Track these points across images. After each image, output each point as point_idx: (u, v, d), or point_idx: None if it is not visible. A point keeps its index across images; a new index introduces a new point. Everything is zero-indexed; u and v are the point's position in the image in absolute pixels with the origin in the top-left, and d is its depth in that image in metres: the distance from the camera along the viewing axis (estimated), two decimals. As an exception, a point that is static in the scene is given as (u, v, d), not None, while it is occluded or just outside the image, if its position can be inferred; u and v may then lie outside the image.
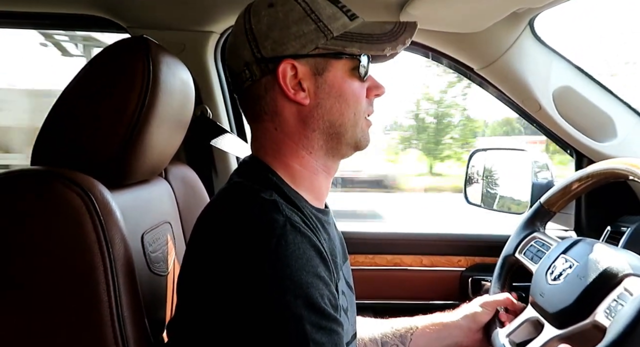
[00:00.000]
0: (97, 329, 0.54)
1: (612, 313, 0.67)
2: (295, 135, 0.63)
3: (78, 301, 0.54)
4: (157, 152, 0.73)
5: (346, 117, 0.64)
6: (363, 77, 0.64)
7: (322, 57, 0.62)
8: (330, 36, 0.61)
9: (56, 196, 0.55)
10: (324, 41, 0.61)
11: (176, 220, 0.89)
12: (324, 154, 0.65)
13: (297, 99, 0.61)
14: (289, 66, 0.60)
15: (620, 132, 1.13)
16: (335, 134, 0.64)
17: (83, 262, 0.54)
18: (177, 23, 1.15)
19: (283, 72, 0.60)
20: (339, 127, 0.64)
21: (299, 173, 0.64)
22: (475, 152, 1.46)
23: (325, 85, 0.62)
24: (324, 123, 0.63)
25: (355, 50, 0.62)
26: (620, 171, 0.80)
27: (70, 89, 0.65)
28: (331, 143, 0.65)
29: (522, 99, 1.16)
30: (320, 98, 0.62)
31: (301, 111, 0.63)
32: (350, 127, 0.64)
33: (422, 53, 1.23)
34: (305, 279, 0.51)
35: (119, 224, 0.58)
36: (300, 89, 0.62)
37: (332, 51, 0.62)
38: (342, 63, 0.63)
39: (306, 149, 0.64)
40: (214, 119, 1.21)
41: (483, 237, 1.35)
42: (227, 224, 0.55)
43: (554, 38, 1.15)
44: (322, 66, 0.62)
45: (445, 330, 0.88)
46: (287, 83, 0.61)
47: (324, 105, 0.63)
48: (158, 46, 0.68)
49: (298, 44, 0.60)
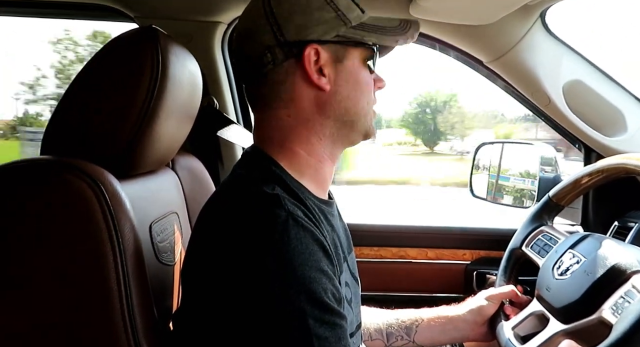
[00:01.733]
0: (107, 317, 0.55)
1: (618, 310, 0.67)
2: (309, 122, 0.64)
3: (88, 289, 0.55)
4: (165, 143, 0.74)
5: (360, 106, 0.65)
6: (372, 69, 0.66)
7: (342, 45, 0.63)
8: (350, 25, 0.63)
9: (66, 186, 0.55)
10: (344, 29, 0.62)
11: (183, 210, 0.89)
12: (332, 142, 0.66)
13: (320, 83, 0.62)
14: (313, 50, 0.61)
15: (631, 127, 1.12)
16: (349, 122, 0.65)
17: (93, 251, 0.55)
18: (185, 13, 1.14)
19: (308, 56, 0.61)
20: (353, 115, 0.65)
21: (304, 161, 0.65)
22: (481, 145, 1.45)
23: (344, 72, 0.64)
24: (340, 110, 0.64)
25: (373, 39, 0.64)
26: (632, 167, 0.79)
27: (79, 79, 0.65)
28: (343, 130, 0.66)
29: (532, 92, 1.15)
30: (338, 85, 0.63)
31: (319, 97, 0.63)
32: (363, 116, 0.66)
33: (430, 45, 1.22)
34: (308, 273, 0.51)
35: (129, 214, 0.58)
36: (322, 74, 0.63)
37: (352, 39, 0.63)
38: (359, 52, 0.64)
39: (317, 136, 0.65)
40: (220, 110, 1.20)
41: (488, 231, 1.35)
42: (229, 218, 0.55)
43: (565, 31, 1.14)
44: (341, 54, 0.63)
45: (451, 323, 0.89)
46: (311, 67, 0.61)
47: (342, 93, 0.64)
48: (167, 37, 0.68)
49: (320, 29, 0.61)
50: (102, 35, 9.98)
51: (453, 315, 0.90)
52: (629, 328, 0.61)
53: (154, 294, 0.62)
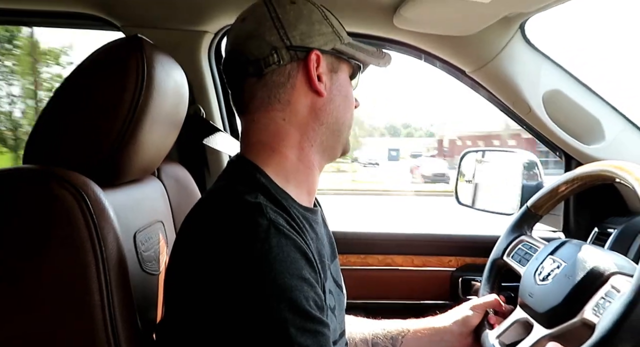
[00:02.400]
0: (89, 327, 0.54)
1: (600, 310, 0.68)
2: (303, 126, 0.66)
3: (70, 299, 0.54)
4: (151, 152, 0.74)
5: (347, 117, 0.70)
6: (355, 86, 0.73)
7: (336, 58, 0.68)
8: (343, 42, 0.68)
9: (49, 195, 0.55)
10: (339, 44, 0.68)
11: (169, 219, 0.89)
12: (322, 150, 0.69)
13: (319, 88, 0.65)
14: (316, 57, 0.65)
15: (608, 135, 1.15)
16: (337, 131, 0.69)
17: (75, 261, 0.54)
18: (171, 22, 1.15)
19: (313, 60, 0.64)
20: (342, 125, 0.69)
21: (293, 166, 0.65)
22: (467, 153, 1.48)
23: (337, 83, 0.68)
24: (332, 118, 0.68)
25: (362, 57, 0.70)
26: (607, 174, 0.81)
27: (64, 87, 0.65)
28: (331, 140, 0.69)
29: (513, 101, 1.18)
30: (333, 94, 0.68)
31: (315, 103, 0.66)
32: (347, 128, 0.71)
33: (415, 55, 1.24)
34: (290, 282, 0.51)
35: (112, 223, 0.58)
36: (320, 81, 0.66)
37: (347, 54, 0.68)
38: (348, 68, 0.70)
39: (309, 142, 0.67)
40: (207, 118, 1.21)
41: (473, 237, 1.37)
42: (212, 227, 0.55)
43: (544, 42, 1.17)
44: (336, 66, 0.68)
45: (437, 335, 0.89)
46: (313, 71, 0.65)
47: (335, 101, 0.68)
48: (152, 46, 0.68)
49: (321, 40, 0.66)
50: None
51: (439, 326, 0.90)
52: (611, 326, 0.62)
53: (138, 304, 0.62)
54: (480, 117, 27.31)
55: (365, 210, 10.81)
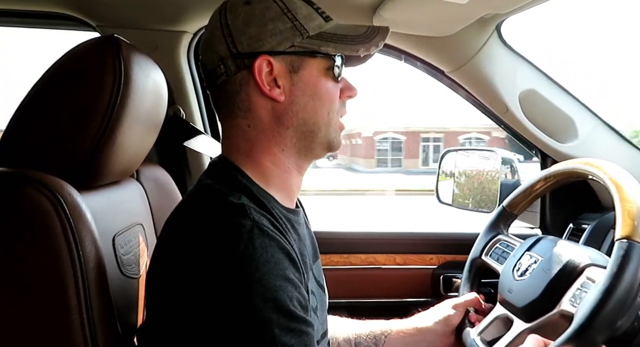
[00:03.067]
0: (67, 333, 0.53)
1: (577, 301, 0.70)
2: (269, 132, 0.64)
3: (47, 304, 0.53)
4: (129, 153, 0.72)
5: (320, 116, 0.65)
6: (337, 78, 0.66)
7: (297, 55, 0.63)
8: (306, 35, 0.63)
9: (24, 199, 0.54)
10: (299, 39, 0.62)
11: (148, 222, 0.88)
12: (297, 153, 0.66)
13: (273, 95, 0.62)
14: (265, 62, 0.61)
15: (581, 134, 1.18)
16: (308, 132, 0.65)
17: (52, 265, 0.53)
18: (149, 22, 1.13)
19: (259, 67, 0.61)
20: (313, 126, 0.65)
21: (270, 171, 0.65)
22: (447, 152, 1.50)
23: (301, 83, 0.63)
24: (298, 121, 0.64)
25: (330, 49, 0.63)
26: (580, 171, 0.83)
27: (38, 88, 0.63)
28: (304, 142, 0.65)
29: (490, 101, 1.20)
30: (295, 95, 0.63)
31: (276, 108, 0.63)
32: (324, 126, 0.65)
33: (396, 56, 1.26)
34: (274, 282, 0.51)
35: (90, 226, 0.57)
36: (276, 85, 0.62)
37: (308, 50, 0.63)
38: (317, 62, 0.64)
39: (279, 146, 0.64)
40: (187, 119, 1.19)
41: (454, 235, 1.39)
42: (195, 229, 0.55)
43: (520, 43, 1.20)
44: (297, 64, 0.63)
45: (419, 334, 0.89)
46: (262, 79, 0.61)
47: (299, 103, 0.63)
48: (130, 46, 0.67)
49: (274, 41, 0.61)
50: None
51: (421, 326, 0.90)
52: (588, 314, 0.64)
53: (118, 308, 0.61)
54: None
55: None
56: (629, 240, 0.66)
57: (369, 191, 15.04)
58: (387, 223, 4.06)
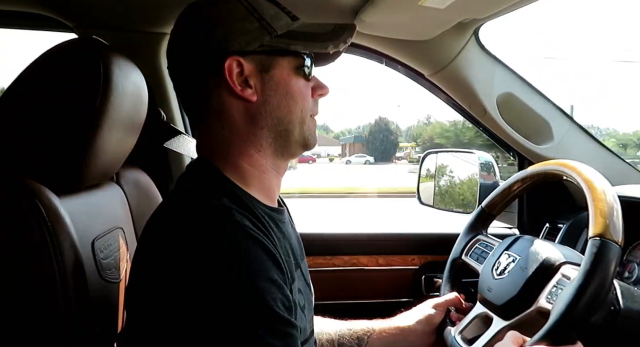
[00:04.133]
0: (46, 337, 0.52)
1: (553, 297, 0.72)
2: (243, 134, 0.64)
3: (26, 309, 0.52)
4: (108, 156, 0.72)
5: (294, 114, 0.65)
6: (308, 76, 0.66)
7: (267, 55, 0.62)
8: (275, 34, 0.62)
9: (1, 202, 0.52)
10: (268, 39, 0.62)
11: (129, 225, 0.87)
12: (273, 153, 0.66)
13: (245, 95, 0.62)
14: (235, 62, 0.61)
15: (556, 136, 1.22)
16: (283, 132, 0.65)
17: (30, 270, 0.52)
18: (128, 24, 1.12)
19: (229, 68, 0.61)
20: (288, 124, 0.64)
21: (248, 173, 0.64)
22: (428, 154, 1.52)
23: (272, 82, 0.63)
24: (272, 120, 0.64)
25: (300, 47, 0.63)
26: (555, 172, 0.86)
27: (14, 89, 0.62)
28: (280, 141, 0.65)
29: (469, 104, 1.23)
30: (267, 95, 0.63)
31: (248, 108, 0.63)
32: (298, 124, 0.65)
33: (377, 59, 1.27)
34: (258, 284, 0.51)
35: (68, 230, 0.56)
36: (247, 85, 0.62)
37: (277, 48, 0.63)
38: (288, 61, 0.64)
39: (255, 147, 0.64)
40: (168, 121, 1.18)
41: (435, 236, 1.41)
42: (176, 232, 0.54)
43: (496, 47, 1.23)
44: (267, 63, 0.63)
45: (401, 334, 0.90)
46: (233, 79, 0.61)
47: (271, 102, 0.63)
48: (109, 48, 0.67)
49: (242, 41, 0.61)
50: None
51: (403, 326, 0.91)
52: (563, 310, 0.66)
53: (98, 313, 0.60)
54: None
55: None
56: (601, 238, 0.68)
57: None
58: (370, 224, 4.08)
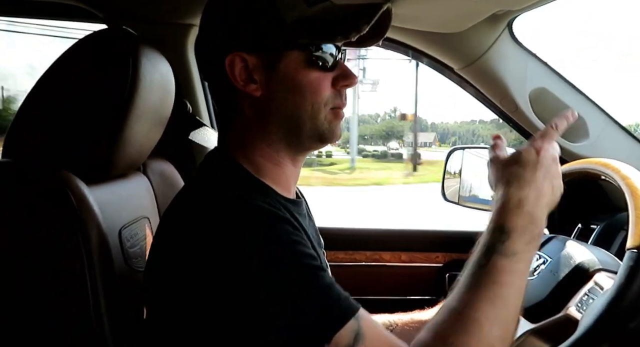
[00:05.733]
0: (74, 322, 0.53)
1: (583, 307, 0.69)
2: (253, 128, 0.63)
3: (54, 294, 0.53)
4: (136, 147, 0.72)
5: (302, 110, 0.61)
6: (325, 67, 0.62)
7: (272, 49, 0.60)
8: (284, 24, 0.59)
9: (33, 191, 0.53)
10: (274, 31, 0.59)
11: (154, 215, 0.88)
12: (286, 146, 0.64)
13: (248, 90, 0.61)
14: (237, 58, 0.60)
15: (593, 133, 1.17)
16: (293, 127, 0.62)
17: (59, 257, 0.53)
18: (157, 15, 1.13)
19: (230, 63, 0.60)
20: (297, 120, 0.62)
21: (263, 165, 0.64)
22: (453, 150, 1.49)
23: (278, 76, 0.60)
24: (279, 116, 0.62)
25: (306, 41, 0.60)
26: (593, 171, 0.82)
27: (45, 80, 0.63)
28: (291, 136, 0.63)
29: (500, 99, 1.19)
30: (272, 90, 0.61)
31: (255, 104, 0.62)
32: (309, 120, 0.62)
33: (403, 51, 1.24)
34: (287, 253, 0.51)
35: (97, 219, 0.57)
36: (251, 81, 0.60)
37: (282, 43, 0.60)
38: (296, 54, 0.60)
39: (265, 142, 0.63)
40: (194, 113, 1.19)
41: (461, 233, 1.38)
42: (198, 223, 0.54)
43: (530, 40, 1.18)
44: (273, 57, 0.60)
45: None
46: (235, 75, 0.60)
47: (277, 98, 0.61)
48: (139, 39, 0.67)
49: (247, 36, 0.60)
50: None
51: (427, 320, 0.90)
52: (593, 323, 0.63)
53: (124, 299, 0.61)
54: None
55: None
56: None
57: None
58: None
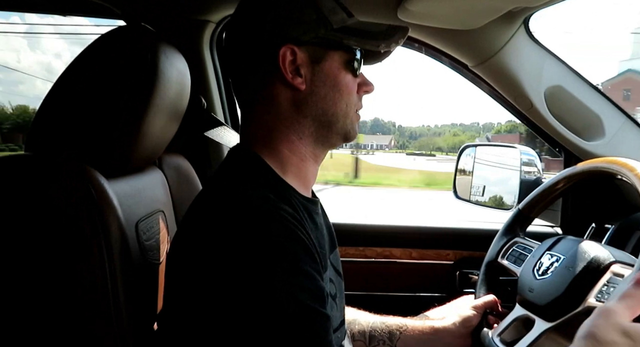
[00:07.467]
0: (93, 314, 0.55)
1: (604, 296, 0.68)
2: (288, 120, 0.65)
3: (74, 286, 0.55)
4: (153, 141, 0.73)
5: (338, 107, 0.66)
6: (356, 72, 0.67)
7: (320, 47, 0.64)
8: (330, 28, 0.64)
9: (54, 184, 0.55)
10: (323, 31, 0.64)
11: (169, 209, 0.89)
12: (314, 141, 0.67)
13: (295, 83, 0.64)
14: (289, 51, 0.63)
15: (608, 132, 1.15)
16: (326, 122, 0.66)
17: (79, 249, 0.54)
18: (173, 11, 1.14)
19: (283, 55, 0.63)
20: (331, 116, 0.66)
21: (287, 159, 0.66)
22: (465, 147, 1.48)
23: (322, 73, 0.65)
24: (317, 110, 0.65)
25: (353, 43, 0.65)
26: (609, 170, 0.81)
27: (66, 75, 0.65)
28: (322, 131, 0.67)
29: (515, 96, 1.18)
30: (315, 85, 0.65)
31: (296, 97, 0.65)
32: (342, 117, 0.67)
33: (417, 48, 1.24)
34: (291, 278, 0.52)
35: (116, 212, 0.58)
36: (298, 74, 0.64)
37: (331, 41, 0.65)
38: (339, 55, 0.66)
39: (297, 134, 0.66)
40: (208, 109, 1.20)
41: (472, 231, 1.38)
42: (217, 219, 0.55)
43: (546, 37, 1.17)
44: (320, 55, 0.65)
45: (435, 334, 0.88)
46: (286, 67, 0.63)
47: (319, 93, 0.65)
48: (156, 35, 0.68)
49: (299, 30, 0.63)
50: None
51: (438, 326, 0.89)
52: None
53: (141, 292, 0.62)
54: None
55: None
56: None
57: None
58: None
